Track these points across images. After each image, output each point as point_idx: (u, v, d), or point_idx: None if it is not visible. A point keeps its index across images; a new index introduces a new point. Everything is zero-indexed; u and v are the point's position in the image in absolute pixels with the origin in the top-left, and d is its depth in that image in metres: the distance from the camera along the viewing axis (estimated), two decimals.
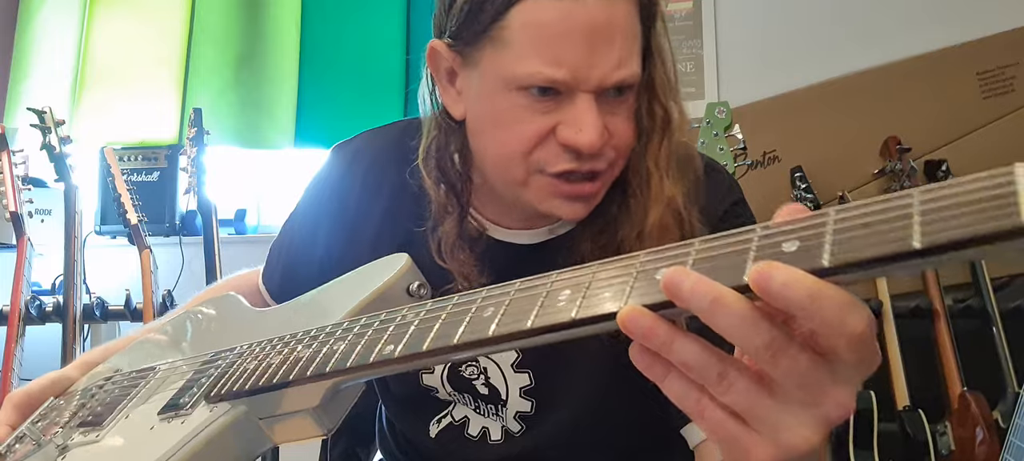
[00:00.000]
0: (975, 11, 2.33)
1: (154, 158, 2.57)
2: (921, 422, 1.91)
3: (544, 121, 0.77)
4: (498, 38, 0.76)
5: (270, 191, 2.96)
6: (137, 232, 2.10)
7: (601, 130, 0.76)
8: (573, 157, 0.78)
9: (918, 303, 2.03)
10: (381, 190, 0.94)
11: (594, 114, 0.76)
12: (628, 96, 0.80)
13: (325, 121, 2.74)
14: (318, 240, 0.99)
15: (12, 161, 2.08)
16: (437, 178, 0.87)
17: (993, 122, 2.23)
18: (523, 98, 0.77)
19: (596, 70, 0.75)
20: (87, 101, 2.79)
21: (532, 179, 0.81)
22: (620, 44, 0.76)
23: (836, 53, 2.41)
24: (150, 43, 2.78)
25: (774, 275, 0.36)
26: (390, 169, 0.93)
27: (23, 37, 2.86)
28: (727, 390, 0.39)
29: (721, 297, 0.37)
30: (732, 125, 1.91)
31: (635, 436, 0.92)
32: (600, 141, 0.76)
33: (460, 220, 0.86)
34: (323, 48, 2.76)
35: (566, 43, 0.74)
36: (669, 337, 0.39)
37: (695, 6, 2.58)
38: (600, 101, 0.77)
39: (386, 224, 0.93)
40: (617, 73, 0.76)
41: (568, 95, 0.76)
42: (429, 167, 0.87)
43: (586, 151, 0.76)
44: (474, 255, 0.86)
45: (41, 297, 2.09)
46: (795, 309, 0.36)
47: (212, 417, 0.60)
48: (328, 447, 1.22)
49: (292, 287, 1.03)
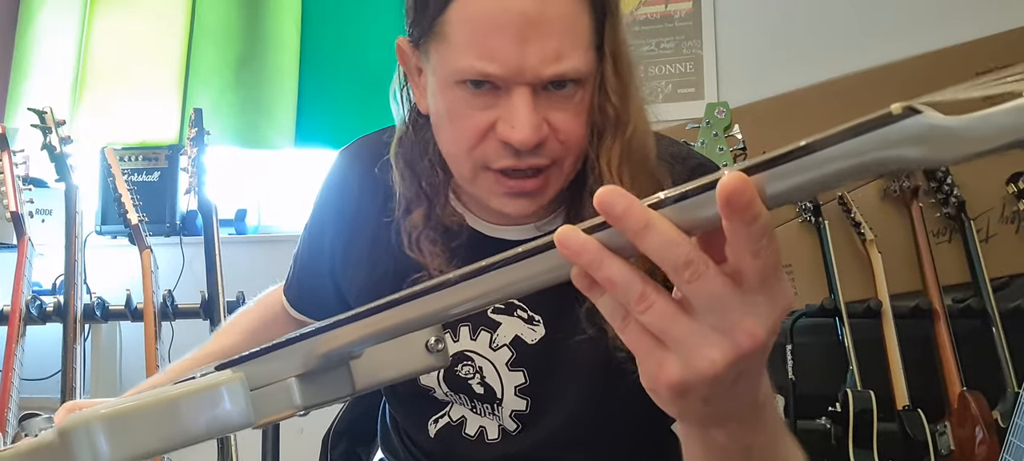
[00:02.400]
0: (975, 11, 2.34)
1: (155, 158, 2.57)
2: (921, 422, 1.91)
3: (484, 116, 0.78)
4: (441, 34, 0.77)
5: (270, 191, 2.96)
6: (138, 232, 2.10)
7: (536, 125, 0.76)
8: (512, 153, 0.77)
9: (918, 303, 2.04)
10: (378, 189, 0.94)
11: (528, 109, 0.75)
12: (575, 91, 0.78)
13: (325, 121, 2.74)
14: (325, 246, 1.01)
15: (13, 161, 2.08)
16: (404, 172, 0.89)
17: None
18: (463, 93, 0.77)
19: (528, 63, 0.74)
20: (88, 101, 2.80)
21: (479, 175, 0.81)
22: (557, 37, 0.75)
23: (836, 53, 2.41)
24: (150, 43, 2.79)
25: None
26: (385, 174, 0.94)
27: (23, 37, 2.86)
28: (647, 310, 0.42)
29: (652, 221, 0.40)
30: (732, 125, 1.91)
31: (632, 434, 0.92)
32: (534, 137, 0.76)
33: (428, 213, 0.87)
34: (323, 48, 2.76)
35: (497, 36, 0.74)
36: (598, 256, 0.41)
37: (695, 6, 2.58)
38: (540, 95, 0.77)
39: (382, 223, 0.93)
40: (552, 67, 0.75)
41: (505, 90, 0.76)
42: (398, 162, 0.89)
43: (519, 146, 0.76)
44: (448, 247, 0.87)
45: (42, 297, 2.09)
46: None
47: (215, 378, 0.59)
48: (328, 447, 1.22)
49: (309, 297, 1.06)
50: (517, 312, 0.90)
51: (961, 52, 2.28)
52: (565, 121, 0.78)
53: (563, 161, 0.81)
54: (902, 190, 2.16)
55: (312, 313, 1.06)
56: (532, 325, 0.89)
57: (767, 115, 2.37)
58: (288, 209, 2.93)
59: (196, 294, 2.12)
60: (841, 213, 2.20)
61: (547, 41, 0.74)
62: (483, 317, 0.90)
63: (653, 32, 2.61)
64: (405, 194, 0.89)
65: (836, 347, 2.04)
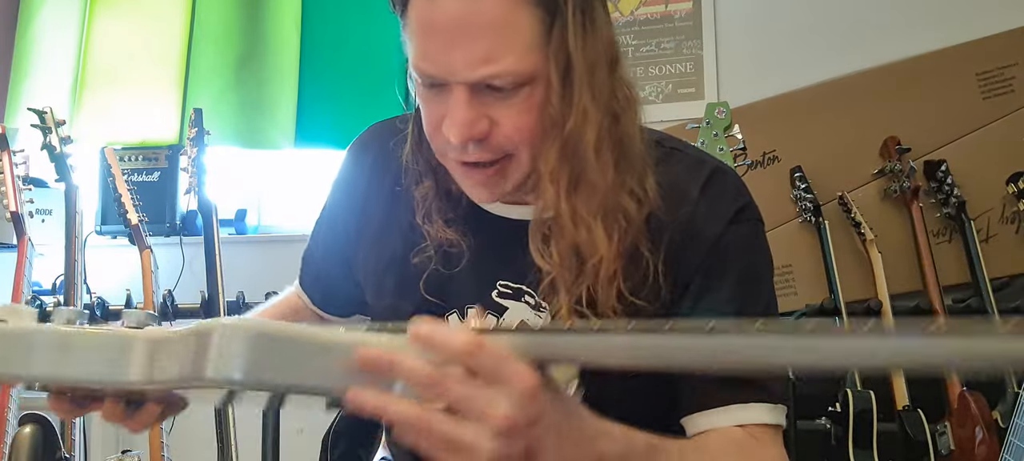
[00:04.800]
0: (975, 11, 2.34)
1: (155, 158, 2.57)
2: (921, 422, 1.91)
3: (437, 110, 0.81)
4: (406, 30, 0.82)
5: (270, 191, 2.96)
6: (138, 232, 2.10)
7: (467, 123, 0.78)
8: (457, 147, 0.80)
9: (918, 303, 2.04)
10: (388, 172, 0.96)
11: (461, 107, 0.78)
12: (519, 90, 0.79)
13: (325, 121, 2.74)
14: (338, 232, 1.02)
15: (13, 161, 2.08)
16: (414, 146, 0.92)
17: (993, 122, 2.23)
18: (421, 87, 0.82)
19: (455, 65, 0.77)
20: (88, 101, 2.79)
21: (447, 161, 0.85)
22: (486, 40, 0.76)
23: (836, 53, 2.41)
24: (150, 43, 2.78)
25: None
26: (399, 150, 0.96)
27: (23, 37, 2.86)
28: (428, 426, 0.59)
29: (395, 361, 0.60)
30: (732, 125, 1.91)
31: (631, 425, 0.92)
32: (464, 134, 0.78)
33: (436, 184, 0.90)
34: (323, 48, 2.76)
35: (431, 39, 0.77)
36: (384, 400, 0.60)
37: (695, 6, 2.58)
38: (482, 94, 0.78)
39: (394, 202, 0.95)
40: (479, 70, 0.76)
41: (448, 87, 0.79)
42: (412, 137, 0.93)
43: (454, 141, 0.79)
44: (457, 217, 0.90)
45: (42, 297, 2.10)
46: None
47: None
48: (328, 447, 1.23)
49: (327, 285, 1.08)
50: (525, 297, 0.90)
51: (961, 52, 2.28)
52: (510, 118, 0.79)
53: (517, 153, 0.82)
54: (902, 190, 2.16)
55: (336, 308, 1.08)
56: (539, 312, 0.89)
57: (767, 115, 2.37)
58: (288, 209, 2.93)
59: (196, 294, 2.12)
60: (841, 213, 2.20)
61: (475, 44, 0.76)
62: (491, 301, 0.90)
63: (653, 32, 2.61)
64: (415, 167, 0.92)
65: None
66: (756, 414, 0.84)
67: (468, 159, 0.81)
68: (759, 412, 0.84)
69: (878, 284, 2.07)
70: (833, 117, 2.33)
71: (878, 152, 2.26)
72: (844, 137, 2.30)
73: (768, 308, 0.89)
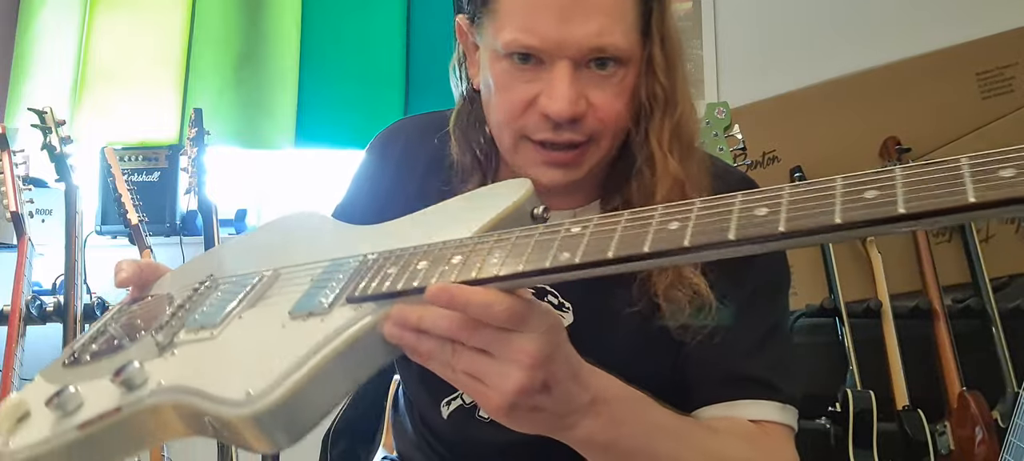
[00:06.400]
0: (975, 11, 2.33)
1: (155, 158, 2.57)
2: (920, 422, 1.91)
3: (527, 89, 0.82)
4: (492, 10, 0.83)
5: (270, 191, 2.96)
6: (138, 232, 2.10)
7: (573, 99, 0.79)
8: (551, 126, 0.81)
9: (917, 303, 2.03)
10: (415, 169, 0.98)
11: (566, 83, 0.79)
12: (616, 70, 0.82)
13: (325, 121, 2.74)
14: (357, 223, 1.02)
15: (13, 161, 2.08)
16: (462, 144, 0.93)
17: (993, 122, 2.23)
18: (508, 65, 0.82)
19: (569, 38, 0.78)
20: (88, 101, 2.79)
21: (519, 145, 0.86)
22: (599, 17, 0.78)
23: (836, 53, 2.41)
24: (150, 43, 2.78)
25: None
26: (428, 145, 0.97)
27: (23, 37, 2.86)
28: (458, 356, 0.61)
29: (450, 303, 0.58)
30: (732, 125, 1.91)
31: None
32: (571, 110, 0.79)
33: (482, 183, 0.91)
34: (323, 48, 2.76)
35: (541, 12, 0.79)
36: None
37: (695, 6, 2.58)
38: (581, 72, 0.80)
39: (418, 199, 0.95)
40: (592, 41, 0.78)
41: (548, 64, 0.80)
42: (457, 134, 0.94)
43: (556, 118, 0.80)
44: None
45: (42, 297, 2.09)
46: None
47: (357, 316, 0.59)
48: (328, 447, 1.22)
49: None
50: (548, 297, 0.90)
51: (961, 52, 2.28)
52: (604, 99, 0.82)
53: (600, 138, 0.84)
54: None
55: None
56: (562, 311, 0.90)
57: (767, 115, 2.37)
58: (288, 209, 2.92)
59: None
60: None
61: (589, 19, 0.78)
62: None
63: None
64: (461, 163, 0.93)
65: (836, 347, 2.04)
66: (766, 411, 0.84)
67: (559, 140, 0.82)
68: (769, 410, 0.84)
69: (878, 284, 2.07)
70: (833, 117, 2.33)
71: (878, 152, 2.26)
72: (844, 137, 2.30)
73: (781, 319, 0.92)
